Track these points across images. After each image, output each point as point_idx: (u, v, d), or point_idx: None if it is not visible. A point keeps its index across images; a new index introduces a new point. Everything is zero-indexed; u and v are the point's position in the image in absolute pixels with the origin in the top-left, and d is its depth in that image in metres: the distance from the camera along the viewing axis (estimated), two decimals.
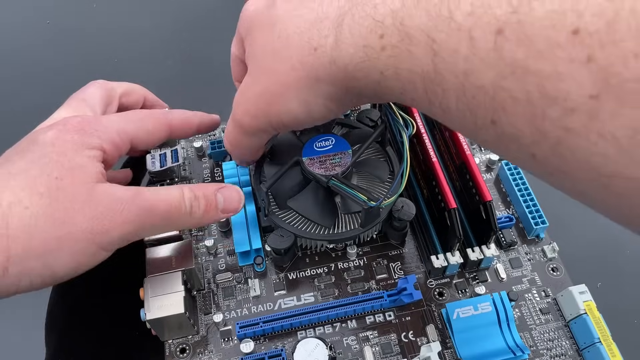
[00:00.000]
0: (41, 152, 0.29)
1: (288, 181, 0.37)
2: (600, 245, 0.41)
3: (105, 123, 0.33)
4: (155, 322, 0.32)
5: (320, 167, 0.35)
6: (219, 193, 0.33)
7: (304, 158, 0.36)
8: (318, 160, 0.35)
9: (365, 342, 0.34)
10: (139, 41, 0.57)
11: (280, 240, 0.35)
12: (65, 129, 0.31)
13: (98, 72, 0.54)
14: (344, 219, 0.37)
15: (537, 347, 0.35)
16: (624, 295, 0.39)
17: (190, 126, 0.39)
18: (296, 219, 0.36)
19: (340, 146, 0.36)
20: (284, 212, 0.37)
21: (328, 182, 0.34)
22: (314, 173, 0.35)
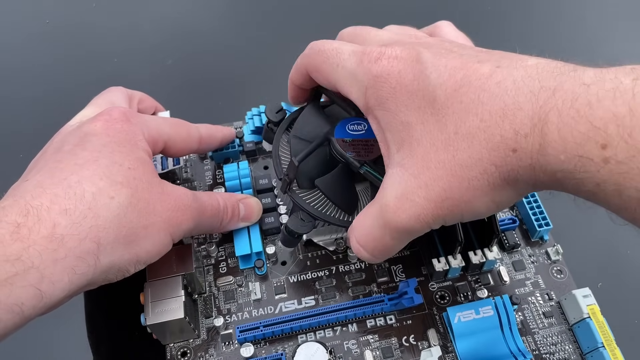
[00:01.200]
0: (100, 142, 0.29)
1: (314, 160, 0.34)
2: (605, 247, 0.40)
3: (145, 117, 0.33)
4: (156, 326, 0.32)
5: (351, 151, 0.33)
6: (241, 203, 0.36)
7: (336, 138, 0.33)
8: (350, 144, 0.33)
9: (366, 346, 0.34)
10: (139, 41, 0.57)
11: (300, 224, 0.33)
12: (111, 119, 0.31)
13: (98, 71, 0.54)
14: (363, 207, 0.33)
15: (539, 351, 0.34)
16: (627, 297, 0.39)
17: (215, 140, 0.39)
18: (318, 200, 0.34)
19: (372, 133, 0.33)
20: (305, 191, 0.34)
21: (360, 168, 0.32)
22: (347, 155, 0.32)
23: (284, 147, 0.36)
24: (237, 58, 0.55)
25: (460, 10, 0.58)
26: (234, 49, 0.56)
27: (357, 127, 0.34)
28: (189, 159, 0.44)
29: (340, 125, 0.34)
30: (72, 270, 0.25)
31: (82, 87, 0.53)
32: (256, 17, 0.59)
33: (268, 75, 0.54)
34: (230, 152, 0.42)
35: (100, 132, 0.30)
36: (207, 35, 0.57)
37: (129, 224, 0.28)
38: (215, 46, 0.56)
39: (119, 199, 0.27)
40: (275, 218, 0.39)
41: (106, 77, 0.54)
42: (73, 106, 0.51)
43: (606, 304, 0.35)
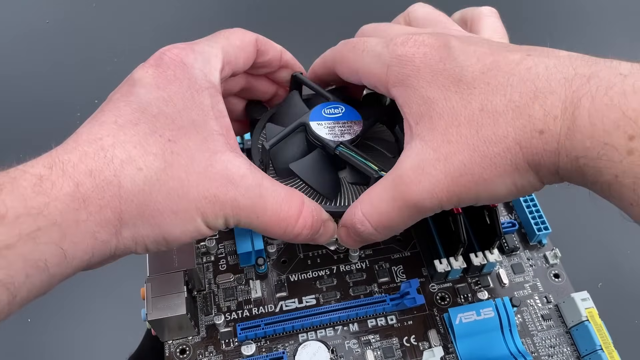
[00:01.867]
0: (147, 97, 0.26)
1: (291, 146, 0.33)
2: (603, 252, 0.41)
3: (206, 52, 0.29)
4: (156, 322, 0.32)
5: (327, 134, 0.32)
6: (325, 225, 0.30)
7: (311, 122, 0.32)
8: (326, 126, 0.32)
9: (366, 346, 0.34)
10: (139, 41, 0.57)
11: None
12: (163, 63, 0.27)
13: (98, 71, 0.54)
14: (347, 193, 0.33)
15: (538, 353, 0.35)
16: (624, 301, 0.40)
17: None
18: (296, 186, 0.32)
19: (350, 115, 0.33)
20: (283, 180, 0.32)
21: (335, 149, 0.31)
22: (322, 137, 0.31)
23: (262, 137, 0.35)
24: None
25: None
26: None
27: (334, 110, 0.33)
28: None
29: (316, 109, 0.33)
30: (93, 236, 0.23)
31: (82, 87, 0.53)
32: (256, 17, 0.59)
33: None
34: None
35: (150, 82, 0.26)
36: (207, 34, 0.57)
37: (154, 204, 0.25)
38: None
39: (146, 172, 0.24)
40: None
41: (106, 77, 0.54)
42: (73, 106, 0.51)
43: (604, 307, 0.35)
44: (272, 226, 0.28)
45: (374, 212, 0.27)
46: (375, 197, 0.27)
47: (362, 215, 0.27)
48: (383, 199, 0.26)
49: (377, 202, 0.27)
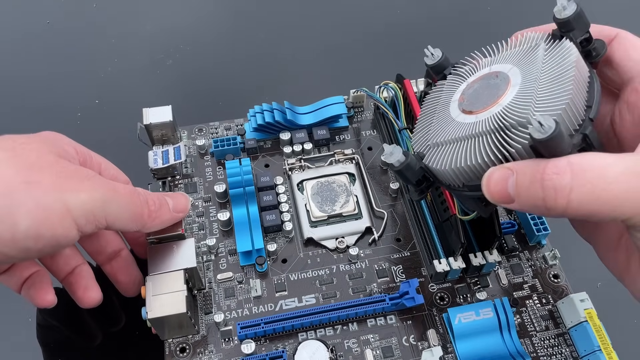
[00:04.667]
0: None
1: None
2: None
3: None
4: (157, 320, 0.32)
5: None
6: (167, 197, 0.34)
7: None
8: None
9: (366, 345, 0.34)
10: (139, 41, 0.57)
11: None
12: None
13: (98, 71, 0.54)
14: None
15: (537, 353, 0.35)
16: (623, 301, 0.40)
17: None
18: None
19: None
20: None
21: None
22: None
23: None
24: (238, 56, 0.55)
25: None
26: (234, 48, 0.56)
27: None
28: (190, 154, 0.43)
29: None
30: None
31: (83, 87, 0.53)
32: (256, 15, 0.59)
33: (268, 74, 0.54)
34: (231, 149, 0.42)
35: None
36: (207, 35, 0.57)
37: (5, 176, 0.26)
38: (215, 45, 0.56)
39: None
40: (277, 215, 0.39)
41: (106, 77, 0.54)
42: (73, 106, 0.51)
43: (603, 308, 0.35)
44: (132, 203, 0.31)
45: (590, 171, 0.22)
46: (602, 159, 0.22)
47: (568, 164, 0.22)
48: (617, 164, 0.22)
49: (604, 162, 0.22)
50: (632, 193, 0.21)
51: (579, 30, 0.27)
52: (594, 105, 0.26)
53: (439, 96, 0.31)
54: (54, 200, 0.26)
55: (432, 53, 0.32)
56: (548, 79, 0.26)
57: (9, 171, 0.26)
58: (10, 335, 0.37)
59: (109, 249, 0.35)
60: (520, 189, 0.24)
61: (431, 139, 0.29)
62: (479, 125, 0.26)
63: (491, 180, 0.25)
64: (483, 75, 0.29)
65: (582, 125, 0.26)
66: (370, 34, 0.57)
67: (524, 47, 0.29)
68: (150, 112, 0.41)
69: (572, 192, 0.22)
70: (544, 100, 0.25)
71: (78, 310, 0.35)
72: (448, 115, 0.29)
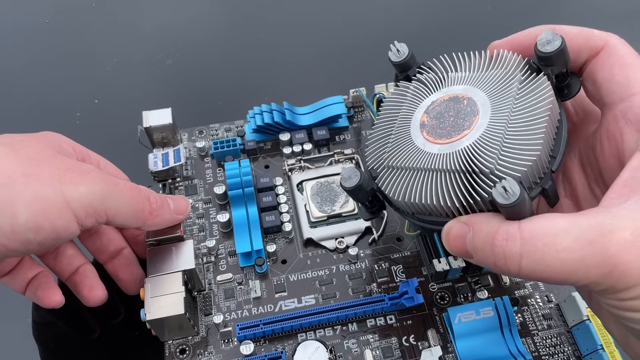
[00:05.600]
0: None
1: None
2: None
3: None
4: (156, 322, 0.32)
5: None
6: (168, 198, 0.34)
7: None
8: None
9: (365, 346, 0.34)
10: (139, 41, 0.57)
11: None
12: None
13: (98, 71, 0.54)
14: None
15: (539, 352, 0.34)
16: None
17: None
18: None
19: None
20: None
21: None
22: None
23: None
24: (237, 57, 0.55)
25: None
26: (234, 47, 0.56)
27: None
28: (190, 156, 0.44)
29: None
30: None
31: (82, 87, 0.53)
32: (256, 16, 0.59)
33: (269, 74, 0.54)
34: (231, 151, 0.42)
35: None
36: (207, 34, 0.57)
37: (4, 167, 0.26)
38: (215, 45, 0.57)
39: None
40: (276, 216, 0.39)
41: (106, 77, 0.54)
42: (73, 106, 0.51)
43: None
44: (132, 199, 0.31)
45: (540, 239, 0.21)
46: (554, 225, 0.21)
47: (518, 231, 0.22)
48: (568, 232, 0.21)
49: (555, 230, 0.21)
50: (583, 262, 0.21)
51: (558, 66, 0.26)
52: (558, 156, 0.26)
53: (400, 104, 0.30)
54: (52, 191, 0.27)
55: (398, 49, 0.30)
56: (519, 124, 0.25)
57: (8, 164, 0.27)
58: (10, 335, 0.37)
59: (111, 248, 0.36)
60: (475, 249, 0.24)
61: (387, 159, 0.28)
62: (441, 161, 0.26)
63: (450, 235, 0.25)
64: (451, 95, 0.28)
65: (542, 179, 0.25)
66: (370, 34, 0.57)
67: (498, 73, 0.27)
68: (150, 115, 0.41)
69: (522, 259, 0.22)
70: (511, 151, 0.24)
71: (77, 309, 0.35)
72: (408, 136, 0.28)
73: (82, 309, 0.36)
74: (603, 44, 0.26)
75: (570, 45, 0.26)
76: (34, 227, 0.26)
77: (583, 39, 0.26)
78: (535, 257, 0.21)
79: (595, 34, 0.26)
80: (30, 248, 0.27)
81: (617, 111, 0.25)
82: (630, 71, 0.25)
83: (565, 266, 0.21)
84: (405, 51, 0.30)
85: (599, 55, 0.26)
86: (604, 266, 0.20)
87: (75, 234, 0.28)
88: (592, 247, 0.20)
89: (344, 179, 0.29)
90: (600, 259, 0.20)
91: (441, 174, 0.26)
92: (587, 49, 0.26)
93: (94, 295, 0.35)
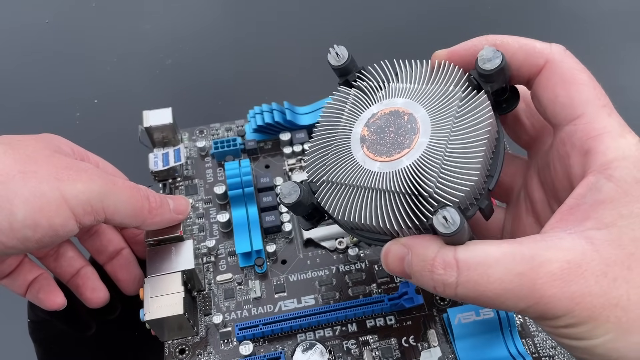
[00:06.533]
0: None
1: None
2: None
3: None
4: (155, 322, 0.32)
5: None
6: (168, 198, 0.34)
7: None
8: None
9: (365, 346, 0.34)
10: (139, 41, 0.57)
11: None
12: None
13: (98, 71, 0.54)
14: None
15: (539, 354, 0.34)
16: None
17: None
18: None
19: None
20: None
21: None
22: None
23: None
24: (237, 57, 0.55)
25: None
26: (234, 47, 0.56)
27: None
28: (190, 156, 0.44)
29: None
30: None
31: (82, 87, 0.53)
32: (256, 16, 0.59)
33: (269, 74, 0.54)
34: (231, 150, 0.42)
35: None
36: (207, 34, 0.57)
37: (2, 164, 0.27)
38: (215, 45, 0.57)
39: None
40: (276, 216, 0.39)
41: (106, 77, 0.54)
42: (73, 106, 0.51)
43: None
44: (131, 198, 0.31)
45: (474, 269, 0.22)
46: (489, 255, 0.22)
47: (455, 260, 0.23)
48: (501, 264, 0.22)
49: (489, 260, 0.22)
50: (513, 293, 0.22)
51: (498, 82, 0.26)
52: (495, 175, 0.26)
53: (339, 113, 0.29)
54: (49, 188, 0.27)
55: (338, 53, 0.29)
56: (458, 146, 0.25)
57: (6, 162, 0.27)
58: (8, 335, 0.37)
59: (110, 248, 0.36)
60: (414, 272, 0.24)
61: (327, 173, 0.28)
62: (381, 180, 0.26)
63: (388, 257, 0.26)
64: (392, 109, 0.27)
65: (479, 200, 0.25)
66: (370, 33, 0.57)
67: (439, 89, 0.27)
68: (150, 114, 0.41)
69: (458, 287, 0.23)
70: (450, 175, 0.24)
71: (72, 306, 0.35)
72: (348, 150, 0.27)
73: (78, 306, 0.36)
74: (544, 61, 0.25)
75: (511, 62, 0.26)
76: (31, 224, 0.26)
77: (524, 55, 0.25)
78: (469, 286, 0.22)
79: (537, 49, 0.25)
80: (29, 246, 0.27)
81: (563, 133, 0.25)
82: (574, 90, 0.24)
83: (497, 296, 0.22)
84: (345, 55, 0.29)
85: (541, 73, 0.25)
86: (531, 297, 0.21)
87: (74, 232, 0.28)
88: (521, 279, 0.21)
89: (283, 195, 0.28)
90: (528, 292, 0.21)
91: (381, 193, 0.26)
92: (529, 65, 0.25)
93: (97, 297, 0.35)
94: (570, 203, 0.23)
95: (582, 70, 0.25)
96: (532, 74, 0.26)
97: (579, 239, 0.22)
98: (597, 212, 0.22)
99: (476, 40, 0.27)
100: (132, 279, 0.36)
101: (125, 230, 0.37)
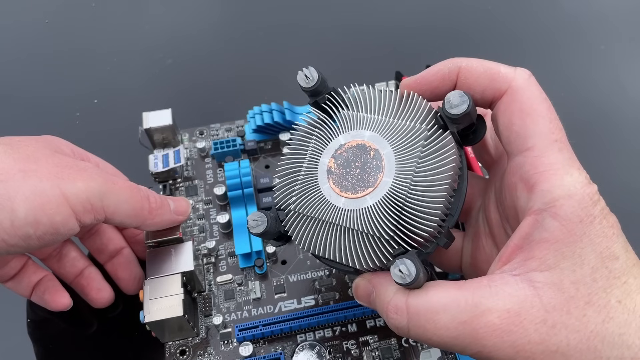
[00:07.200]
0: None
1: None
2: None
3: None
4: (154, 324, 0.32)
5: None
6: (169, 199, 0.34)
7: None
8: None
9: (365, 347, 0.34)
10: (139, 41, 0.57)
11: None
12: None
13: (98, 71, 0.54)
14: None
15: None
16: None
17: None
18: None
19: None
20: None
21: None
22: None
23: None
24: (237, 57, 0.55)
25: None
26: (234, 47, 0.56)
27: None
28: (191, 157, 0.44)
29: None
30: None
31: (82, 87, 0.53)
32: (256, 16, 0.59)
33: (269, 74, 0.54)
34: (231, 151, 0.42)
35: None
36: (207, 34, 0.57)
37: (1, 163, 0.27)
38: (215, 45, 0.56)
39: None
40: None
41: (106, 77, 0.54)
42: (73, 106, 0.51)
43: None
44: (131, 197, 0.31)
45: (423, 315, 0.23)
46: (437, 302, 0.23)
47: (406, 306, 0.24)
48: (446, 311, 0.23)
49: (436, 307, 0.23)
50: (457, 340, 0.22)
51: (464, 124, 0.26)
52: (455, 214, 0.26)
53: (308, 139, 0.29)
54: (50, 186, 0.27)
55: (306, 75, 0.28)
56: (420, 189, 0.25)
57: (6, 161, 0.27)
58: (7, 334, 0.37)
59: (110, 247, 0.36)
60: (377, 309, 0.26)
61: (294, 203, 0.28)
62: (345, 217, 0.26)
63: (358, 291, 0.28)
64: (359, 142, 0.27)
65: (438, 238, 0.26)
66: (370, 33, 0.57)
67: (405, 125, 0.26)
68: (150, 116, 0.41)
69: (410, 331, 0.24)
70: (410, 219, 0.25)
71: (76, 307, 0.35)
72: (315, 181, 0.27)
73: (79, 305, 0.36)
74: (507, 87, 0.25)
75: (474, 86, 0.26)
76: (32, 222, 0.27)
77: (487, 80, 0.25)
78: (419, 331, 0.23)
79: (501, 73, 0.25)
80: (31, 244, 0.27)
81: (514, 163, 0.25)
82: (529, 121, 0.24)
83: (444, 342, 0.23)
84: (315, 77, 0.28)
85: (502, 98, 0.25)
86: (475, 346, 0.22)
87: (75, 231, 0.29)
88: (464, 328, 0.22)
89: (251, 226, 0.28)
90: (471, 340, 0.22)
91: (346, 230, 0.26)
92: (492, 90, 0.25)
93: (102, 297, 0.35)
94: (514, 243, 0.23)
95: (542, 100, 0.24)
96: (494, 98, 0.26)
97: (522, 283, 0.22)
98: (541, 251, 0.22)
99: (441, 65, 0.27)
100: (133, 277, 0.36)
101: (126, 231, 0.37)
